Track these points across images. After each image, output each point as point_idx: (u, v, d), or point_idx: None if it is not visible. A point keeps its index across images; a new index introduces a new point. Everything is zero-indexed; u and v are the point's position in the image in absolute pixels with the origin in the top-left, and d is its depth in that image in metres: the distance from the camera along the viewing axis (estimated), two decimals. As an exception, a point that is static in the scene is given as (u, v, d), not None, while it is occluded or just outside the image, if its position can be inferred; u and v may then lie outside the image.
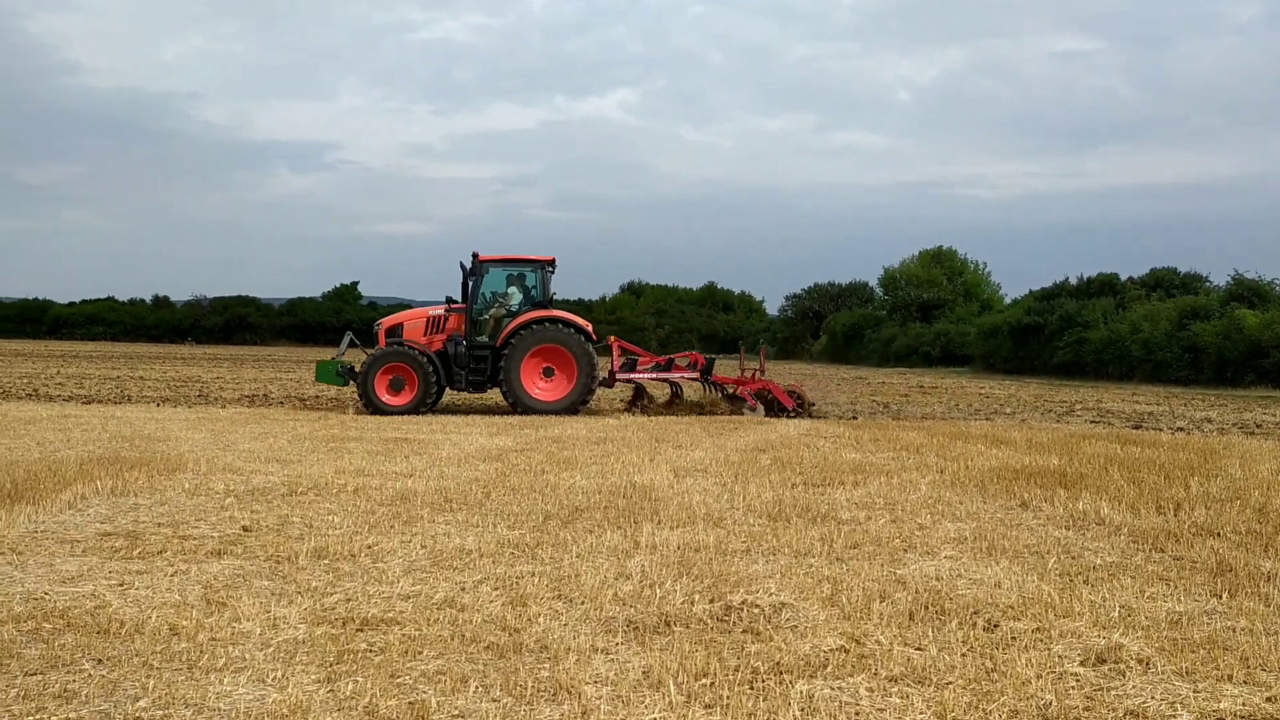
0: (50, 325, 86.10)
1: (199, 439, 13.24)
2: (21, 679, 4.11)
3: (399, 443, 13.10)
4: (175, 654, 4.48)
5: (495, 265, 19.23)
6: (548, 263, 19.40)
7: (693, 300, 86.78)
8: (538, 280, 19.33)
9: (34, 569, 5.91)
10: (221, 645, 4.61)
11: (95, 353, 54.67)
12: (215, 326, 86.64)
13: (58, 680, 4.12)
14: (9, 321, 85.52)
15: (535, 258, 19.43)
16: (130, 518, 7.53)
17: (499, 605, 5.38)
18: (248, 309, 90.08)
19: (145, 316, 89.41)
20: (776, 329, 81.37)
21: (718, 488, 9.61)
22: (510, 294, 19.31)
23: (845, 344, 65.91)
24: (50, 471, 9.36)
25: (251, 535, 7.04)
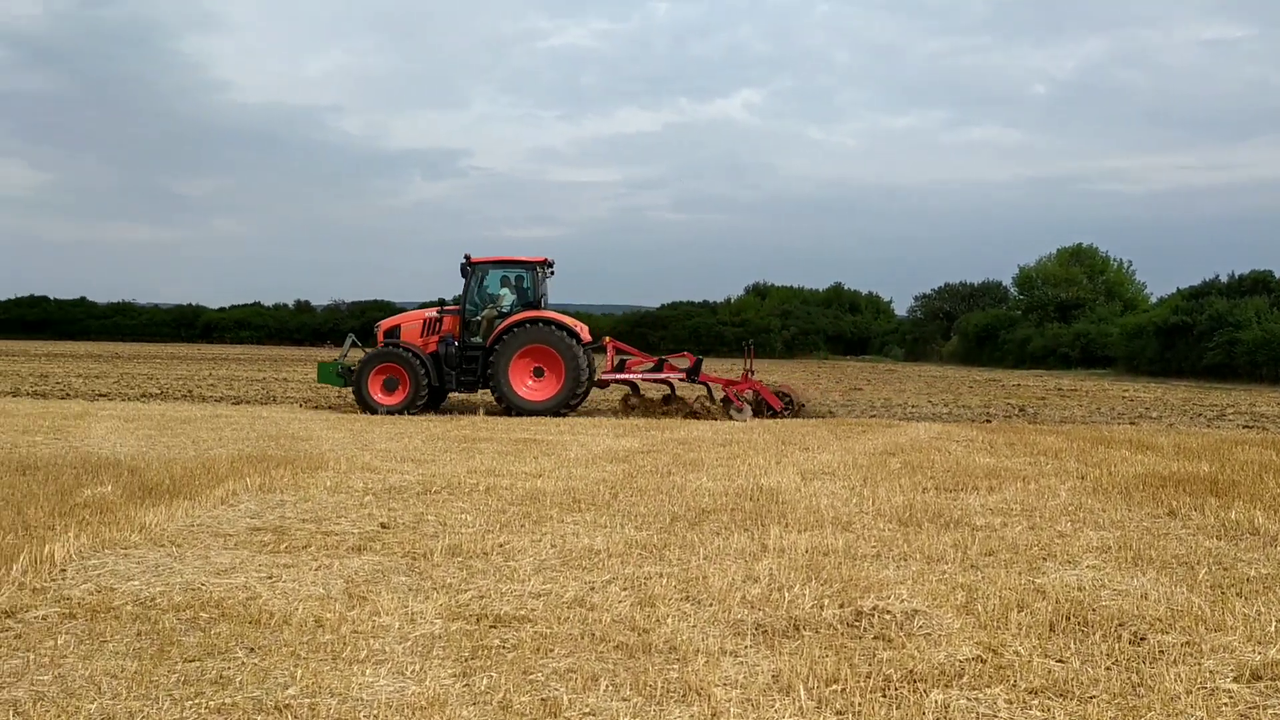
0: (202, 329, 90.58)
1: (339, 438, 13.75)
2: (182, 665, 4.35)
3: (528, 443, 13.34)
4: (320, 645, 4.66)
5: (488, 267, 19.54)
6: (540, 264, 19.57)
7: (818, 301, 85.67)
8: (530, 281, 19.50)
9: (191, 561, 6.23)
10: (363, 638, 4.79)
11: (243, 355, 57.36)
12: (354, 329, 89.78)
13: (214, 667, 4.34)
14: (166, 326, 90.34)
15: (528, 259, 19.62)
16: (277, 514, 7.88)
17: (628, 605, 5.43)
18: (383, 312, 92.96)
19: (288, 320, 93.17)
20: (905, 330, 79.66)
21: (846, 491, 9.48)
22: (502, 295, 19.52)
23: (978, 345, 64.11)
24: (204, 469, 9.86)
25: (389, 532, 7.28)
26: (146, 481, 9.00)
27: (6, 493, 8.21)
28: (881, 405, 23.86)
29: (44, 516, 7.31)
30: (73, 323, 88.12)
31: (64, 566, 5.93)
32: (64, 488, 8.57)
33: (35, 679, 4.13)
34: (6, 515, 7.31)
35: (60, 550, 6.16)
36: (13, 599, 5.19)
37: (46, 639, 4.62)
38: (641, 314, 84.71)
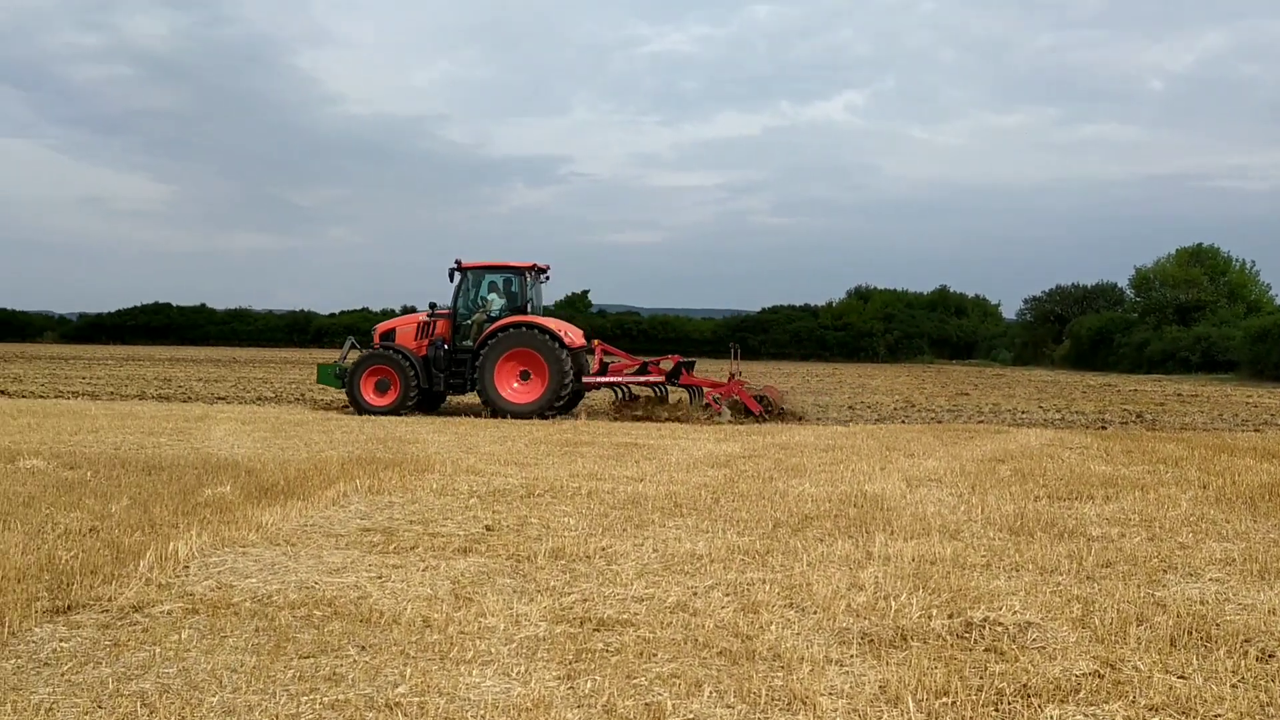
0: (314, 335, 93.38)
1: (444, 441, 14.01)
2: (297, 661, 4.48)
3: (629, 447, 13.39)
4: (428, 645, 4.75)
5: (478, 272, 19.94)
6: (529, 269, 19.92)
7: (923, 305, 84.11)
8: (518, 286, 19.81)
9: (305, 560, 6.42)
10: (469, 639, 4.86)
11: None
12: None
13: (328, 664, 4.46)
14: (280, 331, 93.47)
15: (517, 264, 19.90)
16: (386, 515, 8.06)
17: (731, 611, 5.40)
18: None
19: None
20: (1014, 333, 77.67)
21: (953, 499, 9.27)
22: (490, 300, 19.91)
23: (1091, 349, 62.12)
24: (316, 470, 10.16)
25: (494, 534, 7.38)
26: (262, 482, 9.30)
27: (134, 492, 8.58)
28: (990, 410, 23.28)
29: (168, 515, 7.62)
30: (193, 328, 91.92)
31: (187, 563, 6.17)
32: (186, 487, 8.92)
33: (161, 672, 4.30)
34: (134, 513, 7.64)
35: (184, 548, 6.41)
36: (140, 594, 5.42)
37: (171, 633, 4.81)
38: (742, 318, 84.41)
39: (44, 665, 4.35)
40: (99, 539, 6.70)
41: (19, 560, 6.00)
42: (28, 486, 8.77)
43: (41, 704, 3.92)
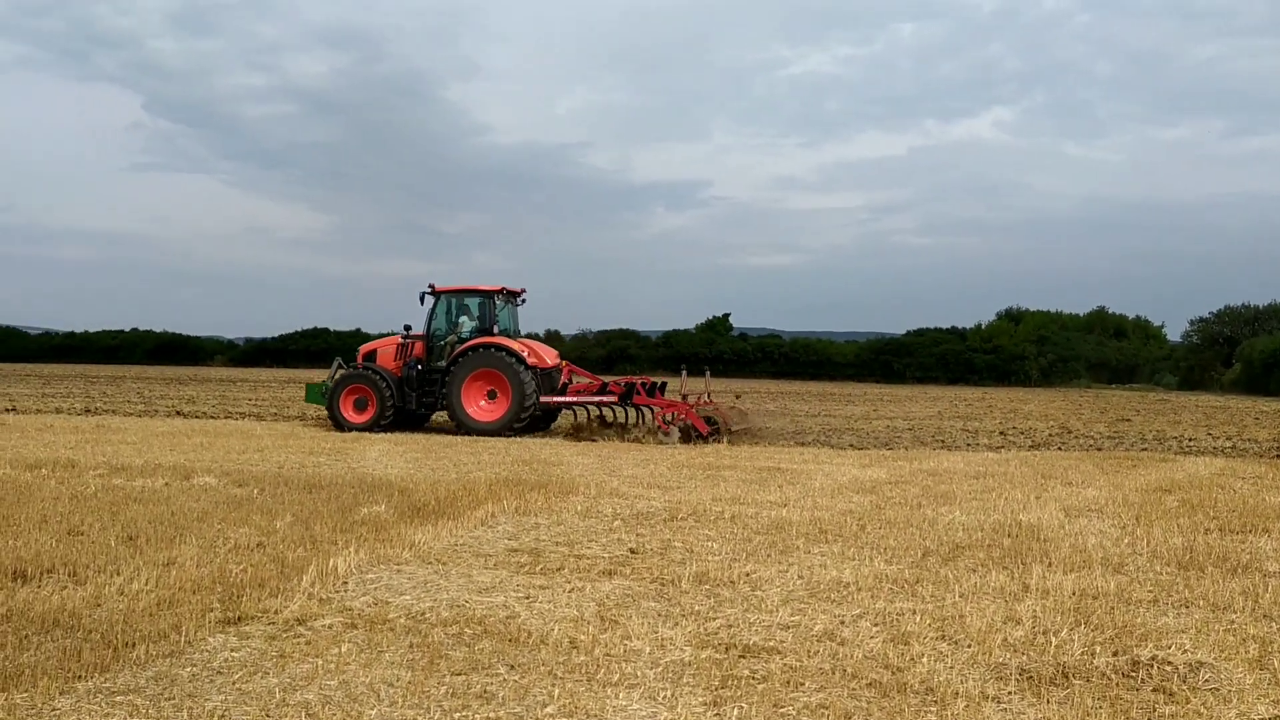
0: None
1: (588, 464, 14.18)
2: (450, 678, 4.60)
3: (772, 472, 13.27)
4: (576, 666, 4.80)
5: (450, 295, 20.76)
6: (499, 292, 20.71)
7: (1079, 326, 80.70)
8: (486, 309, 20.56)
9: (455, 579, 6.59)
10: (615, 661, 4.89)
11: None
12: (599, 358, 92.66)
13: (478, 681, 4.56)
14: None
15: (486, 288, 20.72)
16: (532, 536, 8.20)
17: (880, 641, 5.28)
18: (628, 341, 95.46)
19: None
20: (1179, 357, 73.76)
21: (1116, 530, 8.85)
22: (461, 322, 20.72)
23: (1264, 373, 58.40)
24: (465, 491, 10.42)
25: (638, 558, 7.42)
26: (415, 502, 9.60)
27: (297, 509, 8.98)
28: (1154, 438, 22.14)
29: (328, 532, 7.94)
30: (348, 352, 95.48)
31: (346, 579, 6.41)
32: (344, 506, 9.28)
33: (323, 684, 4.48)
34: (297, 530, 7.99)
35: (343, 564, 6.66)
36: (303, 608, 5.66)
37: (332, 646, 5.00)
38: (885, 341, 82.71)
39: (217, 674, 4.58)
40: (265, 554, 7.04)
41: (194, 573, 6.35)
42: (201, 502, 9.28)
43: (215, 710, 4.13)
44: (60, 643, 4.90)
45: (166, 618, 5.35)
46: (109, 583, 6.06)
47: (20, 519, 8.08)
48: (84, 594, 5.80)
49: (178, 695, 4.28)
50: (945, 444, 19.19)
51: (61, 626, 5.16)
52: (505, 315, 21.06)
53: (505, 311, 21.06)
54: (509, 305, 21.25)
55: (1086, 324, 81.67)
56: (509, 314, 21.24)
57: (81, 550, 6.94)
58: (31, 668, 4.49)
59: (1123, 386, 68.60)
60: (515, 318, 21.50)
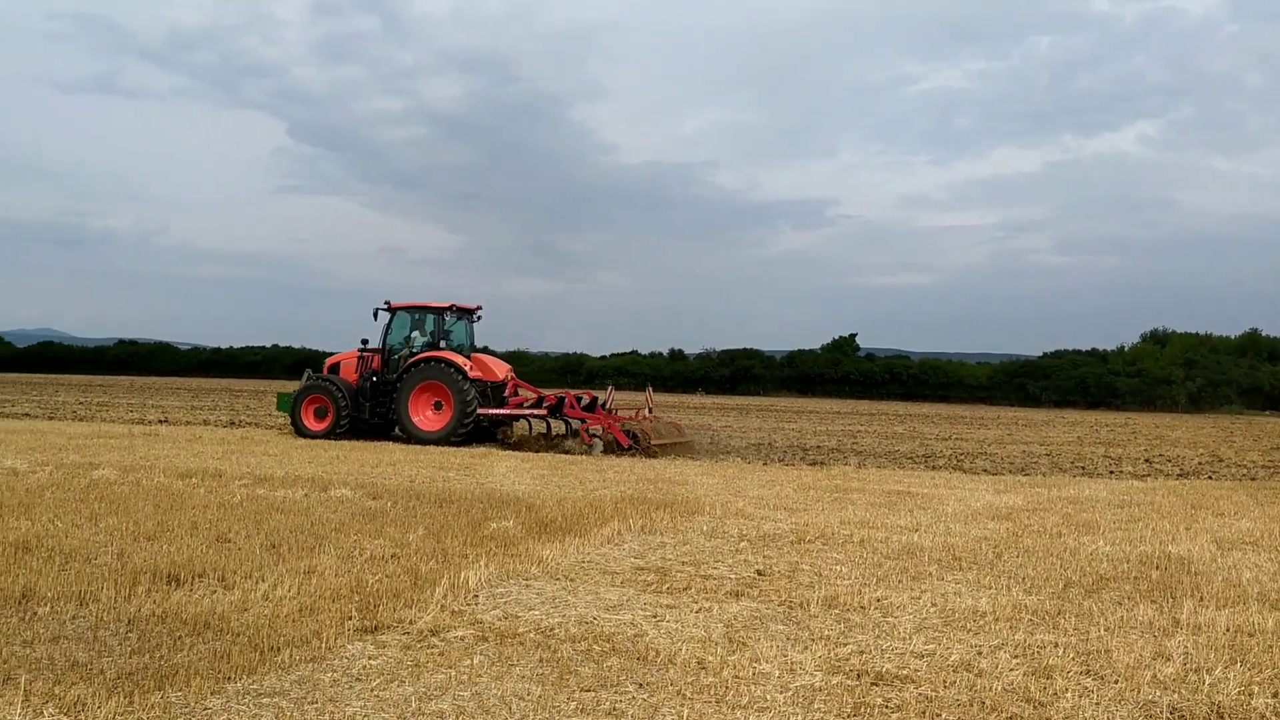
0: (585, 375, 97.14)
1: (712, 484, 14.13)
2: (579, 694, 4.62)
3: (901, 496, 12.98)
4: (704, 687, 4.76)
5: (403, 311, 21.95)
6: (448, 308, 21.87)
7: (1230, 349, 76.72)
8: (435, 325, 21.82)
9: (583, 595, 6.63)
10: (744, 684, 4.83)
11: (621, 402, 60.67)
12: (723, 377, 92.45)
13: (607, 699, 4.57)
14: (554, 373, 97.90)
15: (436, 305, 21.89)
16: (658, 555, 8.20)
17: (1020, 674, 5.08)
18: (752, 361, 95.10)
19: (662, 368, 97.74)
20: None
21: (1273, 564, 8.34)
22: (413, 337, 21.87)
23: None
24: (592, 508, 10.50)
25: (765, 580, 7.33)
26: (542, 518, 9.72)
27: (429, 522, 9.19)
28: (1312, 467, 20.84)
29: (459, 546, 8.10)
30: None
31: (476, 592, 6.52)
32: (474, 520, 9.46)
33: (457, 694, 4.55)
34: (429, 543, 8.17)
35: (474, 577, 6.78)
36: (437, 619, 5.77)
37: (464, 658, 5.09)
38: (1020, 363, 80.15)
39: (356, 680, 4.71)
40: (399, 565, 7.22)
41: (333, 581, 6.56)
42: (338, 513, 9.59)
43: (354, 716, 4.24)
44: (210, 644, 5.11)
45: (308, 624, 5.52)
46: (254, 588, 6.30)
47: (173, 525, 8.49)
48: (232, 599, 6.04)
49: (320, 700, 4.41)
50: (1086, 471, 18.47)
51: (211, 629, 5.39)
52: (460, 331, 22.41)
53: (459, 327, 22.40)
54: (463, 321, 22.51)
55: (1238, 347, 77.62)
56: (464, 329, 22.53)
57: (229, 557, 7.24)
58: (185, 667, 4.70)
59: (1278, 413, 64.82)
60: (470, 333, 22.72)
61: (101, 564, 6.87)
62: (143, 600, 5.94)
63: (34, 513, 8.94)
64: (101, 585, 6.20)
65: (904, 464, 19.47)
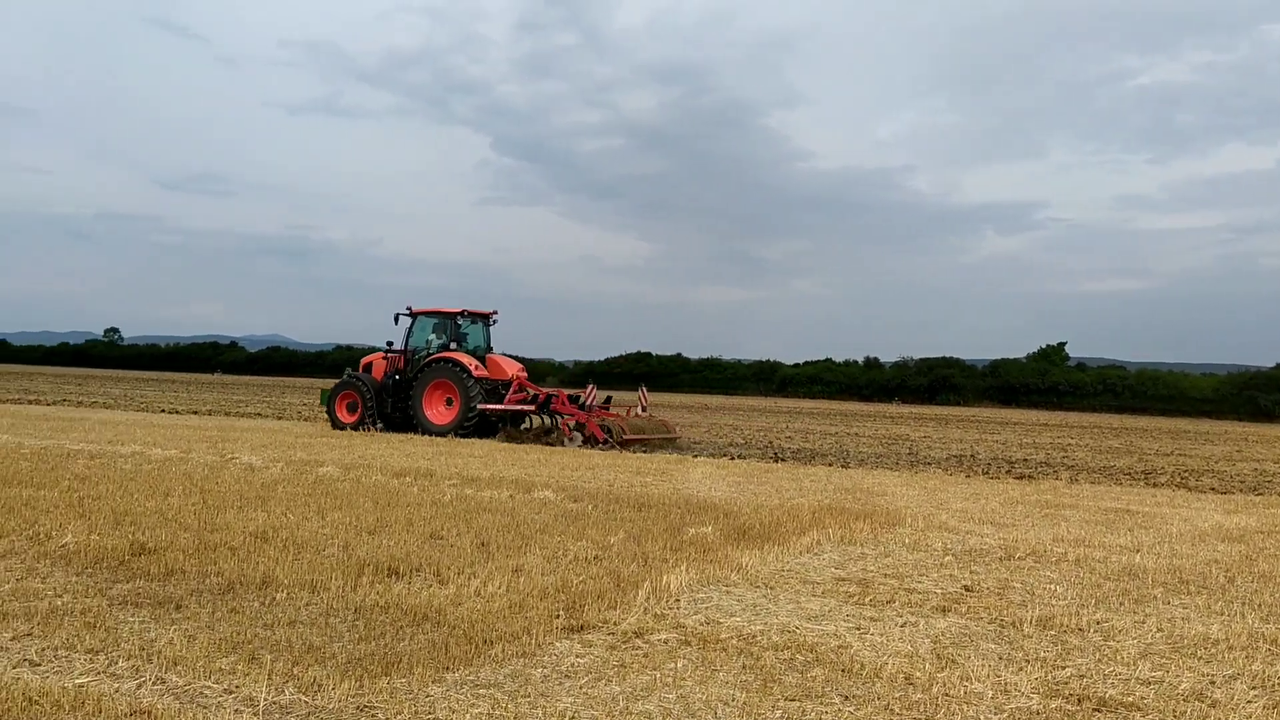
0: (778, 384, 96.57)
1: (913, 495, 13.76)
2: (783, 702, 4.59)
3: (1120, 514, 12.27)
4: (913, 703, 4.65)
5: (423, 316, 24.17)
6: (460, 313, 23.91)
7: None
8: (450, 328, 23.82)
9: (784, 604, 6.59)
10: (955, 702, 4.68)
11: (815, 409, 60.03)
12: (920, 387, 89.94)
13: (813, 709, 4.52)
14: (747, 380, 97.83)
15: (449, 310, 23.95)
16: (859, 566, 8.06)
17: (1259, 707, 4.71)
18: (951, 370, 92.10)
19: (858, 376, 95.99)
20: None
21: None
22: (431, 340, 24.03)
23: None
24: (789, 516, 10.42)
25: (973, 596, 7.08)
26: (739, 525, 9.72)
27: (629, 526, 9.35)
28: None
29: (659, 550, 8.20)
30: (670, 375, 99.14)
31: (678, 597, 6.59)
32: (672, 525, 9.55)
33: (662, 696, 4.61)
34: (629, 546, 8.32)
35: (675, 582, 6.86)
36: (640, 621, 5.87)
37: (668, 661, 5.15)
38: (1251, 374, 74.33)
39: (565, 677, 4.84)
40: (602, 567, 7.38)
41: (540, 580, 6.77)
42: (541, 515, 9.89)
43: (564, 712, 4.36)
44: (429, 635, 5.37)
45: (518, 620, 5.72)
46: (467, 584, 6.58)
47: (391, 521, 8.98)
48: (447, 593, 6.33)
49: (532, 694, 4.56)
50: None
51: (430, 621, 5.66)
52: (476, 333, 24.49)
53: (476, 329, 24.51)
54: (480, 324, 24.62)
55: None
56: (480, 332, 24.60)
57: (443, 553, 7.59)
58: (407, 656, 4.96)
59: None
60: (487, 335, 24.73)
61: (329, 555, 7.34)
62: (367, 590, 6.30)
63: (268, 505, 9.65)
64: (330, 575, 6.62)
65: (1121, 480, 18.40)
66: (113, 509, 8.99)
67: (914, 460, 21.86)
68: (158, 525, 8.27)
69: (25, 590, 6.02)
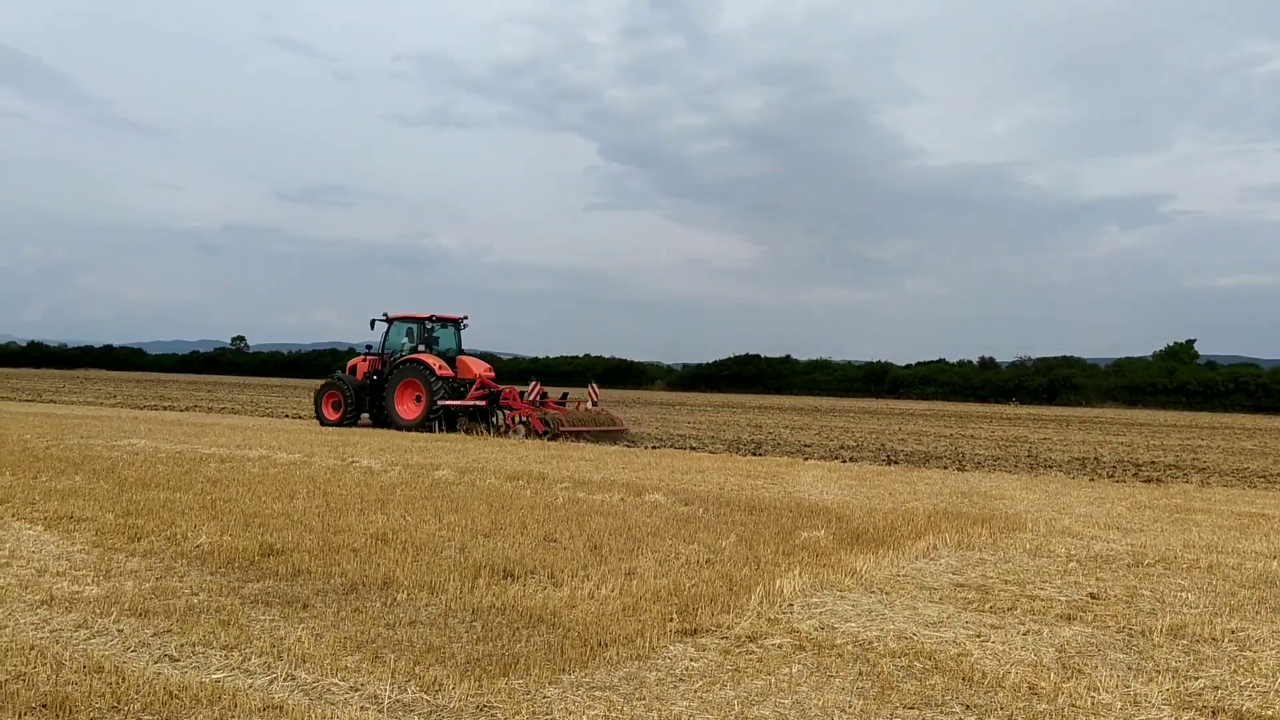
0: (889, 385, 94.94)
1: (1033, 499, 13.38)
2: (902, 711, 4.52)
3: (1254, 518, 11.72)
4: (1038, 714, 4.52)
5: (398, 321, 26.86)
6: (428, 318, 26.56)
7: None
8: (420, 332, 26.54)
9: (900, 610, 6.48)
10: (1082, 714, 4.53)
11: (928, 411, 58.81)
12: (1039, 387, 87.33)
13: (933, 718, 4.43)
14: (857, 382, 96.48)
15: (419, 315, 26.67)
16: (978, 572, 7.87)
17: None
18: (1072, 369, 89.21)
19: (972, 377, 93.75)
20: None
21: None
22: (403, 343, 26.73)
23: None
24: (904, 520, 10.24)
25: (1099, 603, 6.85)
26: (852, 529, 9.59)
27: (740, 530, 9.32)
28: None
29: (770, 554, 8.15)
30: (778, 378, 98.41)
31: (791, 601, 6.54)
32: (784, 529, 9.48)
33: (777, 702, 4.58)
34: (741, 550, 8.29)
35: (788, 586, 6.81)
36: (753, 626, 5.84)
37: (782, 666, 5.11)
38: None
39: (679, 680, 4.85)
40: (714, 571, 7.37)
41: (653, 584, 6.80)
42: (652, 518, 9.93)
43: (680, 715, 4.37)
44: (545, 637, 5.45)
45: (631, 623, 5.76)
46: (580, 587, 6.65)
47: (505, 524, 9.13)
48: (561, 595, 6.41)
49: (647, 697, 4.59)
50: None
51: (545, 623, 5.74)
52: (447, 336, 27.03)
53: (447, 334, 27.03)
54: (451, 328, 27.11)
55: None
56: (451, 335, 27.14)
57: (556, 555, 7.69)
58: (524, 657, 5.04)
59: None
60: (458, 339, 27.27)
61: (446, 557, 7.51)
62: (483, 592, 6.43)
63: (388, 508, 9.92)
64: (448, 576, 6.78)
65: (1255, 483, 17.57)
66: (242, 511, 9.37)
67: (1033, 463, 21.24)
68: (284, 527, 8.59)
69: (164, 589, 6.32)
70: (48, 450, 15.09)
